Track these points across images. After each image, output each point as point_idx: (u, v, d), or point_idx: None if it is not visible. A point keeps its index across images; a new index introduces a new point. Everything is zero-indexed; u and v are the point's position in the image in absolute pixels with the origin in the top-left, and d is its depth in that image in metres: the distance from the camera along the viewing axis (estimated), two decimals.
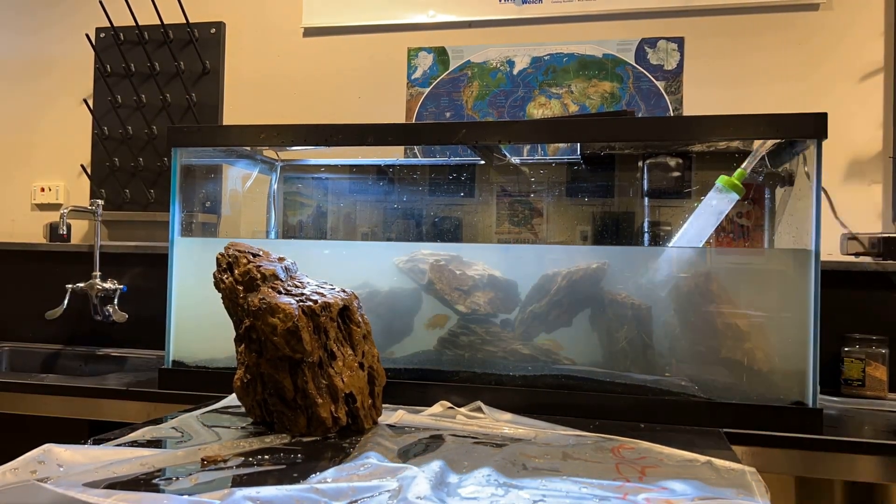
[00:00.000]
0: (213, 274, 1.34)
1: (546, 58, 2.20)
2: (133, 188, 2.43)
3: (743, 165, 1.56)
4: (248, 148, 1.90)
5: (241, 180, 2.17)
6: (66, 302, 2.24)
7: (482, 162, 2.08)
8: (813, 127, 1.39)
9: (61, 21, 2.56)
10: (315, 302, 1.22)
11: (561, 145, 2.07)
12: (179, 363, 1.68)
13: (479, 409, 1.43)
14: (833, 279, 1.80)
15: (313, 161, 2.19)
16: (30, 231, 2.54)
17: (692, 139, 1.64)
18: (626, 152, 1.85)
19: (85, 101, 2.48)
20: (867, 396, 1.70)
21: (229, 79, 2.42)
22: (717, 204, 1.54)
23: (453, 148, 2.08)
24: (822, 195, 1.40)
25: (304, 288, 1.28)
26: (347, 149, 2.13)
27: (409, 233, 2.11)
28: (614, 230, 1.99)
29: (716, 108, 2.05)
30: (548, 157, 2.11)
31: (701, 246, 1.57)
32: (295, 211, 2.23)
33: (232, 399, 1.43)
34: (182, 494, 0.86)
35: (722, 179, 1.54)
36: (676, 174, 1.69)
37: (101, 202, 2.32)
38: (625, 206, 1.99)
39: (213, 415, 1.35)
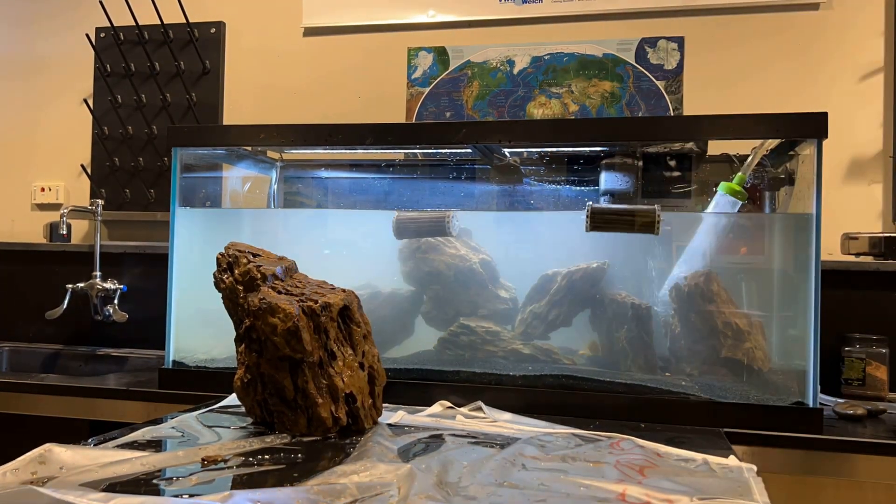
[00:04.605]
0: (213, 274, 1.34)
1: (546, 57, 2.20)
2: (133, 188, 2.43)
3: (742, 169, 1.55)
4: (248, 148, 1.90)
5: (241, 180, 2.17)
6: (66, 302, 2.23)
7: (483, 161, 2.08)
8: (813, 127, 1.39)
9: (61, 21, 2.56)
10: (315, 302, 1.22)
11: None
12: (179, 363, 1.68)
13: (479, 409, 1.43)
14: (833, 279, 1.80)
15: (314, 160, 2.19)
16: (30, 231, 2.54)
17: (692, 139, 1.65)
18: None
19: (85, 101, 2.48)
20: (867, 396, 1.70)
21: (229, 79, 2.42)
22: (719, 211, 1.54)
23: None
24: None
25: (304, 288, 1.28)
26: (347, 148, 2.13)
27: None
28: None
29: (716, 108, 2.05)
30: (548, 157, 2.10)
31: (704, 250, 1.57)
32: None
33: (232, 399, 1.43)
34: (182, 495, 0.86)
35: (723, 186, 1.54)
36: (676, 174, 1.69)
37: (101, 202, 2.32)
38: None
39: (213, 415, 1.35)
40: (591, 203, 1.47)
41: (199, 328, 1.73)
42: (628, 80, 2.14)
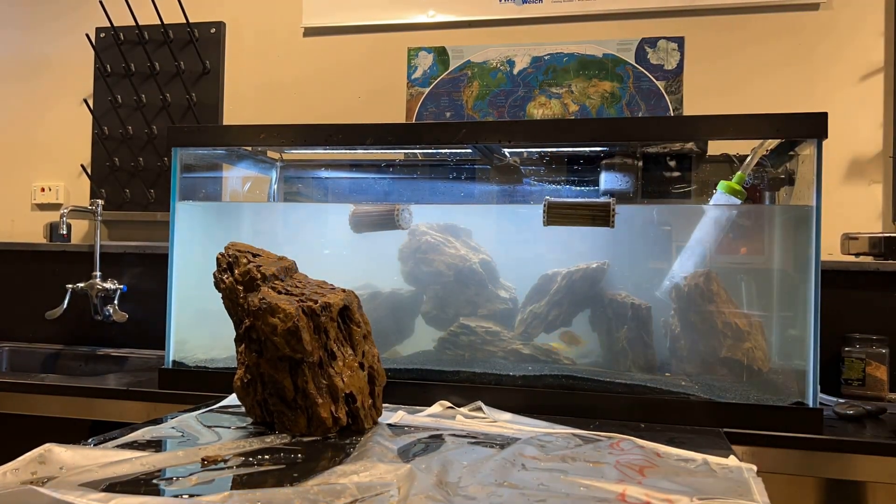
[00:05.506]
0: (213, 274, 1.34)
1: (546, 57, 2.20)
2: (133, 188, 2.43)
3: (741, 168, 1.55)
4: (249, 148, 1.90)
5: (241, 180, 2.17)
6: (66, 302, 2.23)
7: (483, 161, 2.08)
8: (813, 127, 1.39)
9: (61, 21, 2.56)
10: (315, 302, 1.22)
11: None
12: (179, 363, 1.68)
13: (479, 409, 1.43)
14: (833, 279, 1.80)
15: (314, 160, 2.19)
16: (30, 231, 2.54)
17: (692, 139, 1.64)
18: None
19: (85, 101, 2.48)
20: (867, 396, 1.70)
21: (229, 79, 2.42)
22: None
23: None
24: None
25: (304, 288, 1.28)
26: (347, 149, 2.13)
27: None
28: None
29: (716, 108, 2.05)
30: (548, 157, 2.10)
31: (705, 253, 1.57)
32: None
33: (232, 399, 1.43)
34: (182, 495, 0.86)
35: (722, 185, 1.54)
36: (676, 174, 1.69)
37: (101, 202, 2.32)
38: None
39: (213, 415, 1.35)
40: (548, 197, 1.49)
41: (199, 328, 1.73)
42: (628, 80, 2.14)
